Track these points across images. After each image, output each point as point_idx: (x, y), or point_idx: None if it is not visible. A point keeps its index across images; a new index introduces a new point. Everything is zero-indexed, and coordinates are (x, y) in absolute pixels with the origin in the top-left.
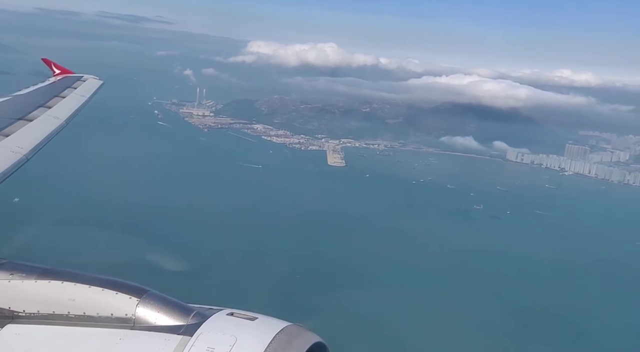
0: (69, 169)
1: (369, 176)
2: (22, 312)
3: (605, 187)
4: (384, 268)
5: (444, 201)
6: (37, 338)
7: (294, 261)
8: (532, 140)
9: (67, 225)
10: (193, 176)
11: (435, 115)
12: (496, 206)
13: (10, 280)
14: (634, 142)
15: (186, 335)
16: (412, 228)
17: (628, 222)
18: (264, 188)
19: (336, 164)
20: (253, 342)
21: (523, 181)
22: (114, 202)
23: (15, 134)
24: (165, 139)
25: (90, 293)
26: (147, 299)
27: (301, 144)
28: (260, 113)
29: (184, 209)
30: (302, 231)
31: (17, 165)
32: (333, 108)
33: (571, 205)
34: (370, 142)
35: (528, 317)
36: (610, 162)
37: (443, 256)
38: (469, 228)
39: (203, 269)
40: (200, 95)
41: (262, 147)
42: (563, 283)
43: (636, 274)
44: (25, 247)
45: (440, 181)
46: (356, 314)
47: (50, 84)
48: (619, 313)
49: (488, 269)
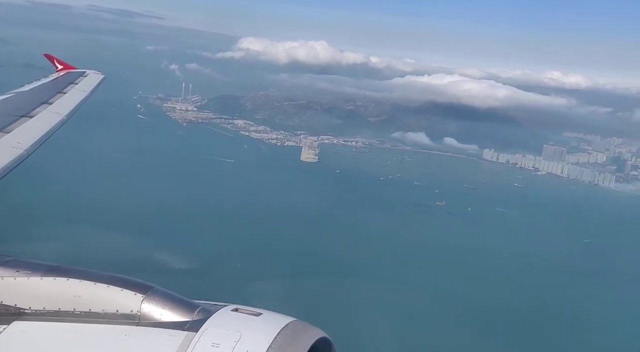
0: (32, 160)
1: (338, 172)
2: (28, 309)
3: (575, 187)
4: (322, 258)
5: (406, 197)
6: (43, 335)
7: (236, 252)
8: (510, 140)
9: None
10: (158, 168)
11: (415, 114)
12: (459, 202)
13: (16, 277)
14: (616, 144)
15: (191, 331)
16: (363, 221)
17: (583, 221)
18: (229, 181)
19: (308, 160)
20: (258, 338)
21: (493, 180)
22: (68, 194)
23: (16, 130)
24: (140, 132)
25: (96, 290)
26: (152, 296)
27: (278, 139)
28: (244, 109)
29: (138, 199)
30: (251, 223)
31: (18, 160)
32: (316, 105)
33: (533, 203)
34: (349, 140)
35: (452, 305)
36: (587, 163)
37: (383, 247)
38: (421, 223)
39: (134, 257)
40: (186, 90)
41: (238, 142)
42: (497, 275)
43: (574, 268)
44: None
45: (409, 178)
46: (285, 301)
47: (53, 80)
48: (548, 305)
49: (427, 261)
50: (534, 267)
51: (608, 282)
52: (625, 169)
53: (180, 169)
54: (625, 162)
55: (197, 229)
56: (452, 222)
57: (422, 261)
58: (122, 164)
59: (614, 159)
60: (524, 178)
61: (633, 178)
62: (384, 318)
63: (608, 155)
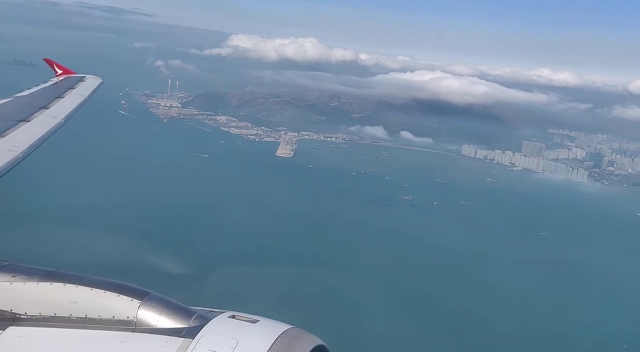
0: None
1: (312, 167)
2: (24, 315)
3: (547, 183)
4: (273, 249)
5: (374, 190)
6: (38, 340)
7: (187, 243)
8: (490, 137)
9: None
10: (127, 163)
11: (398, 110)
12: (426, 196)
13: (12, 282)
14: (599, 141)
15: (188, 338)
16: (322, 213)
17: (544, 214)
18: (196, 176)
19: (284, 155)
20: (255, 345)
21: (467, 175)
22: (30, 190)
23: (12, 133)
24: (117, 128)
25: (92, 295)
26: (149, 302)
27: (258, 135)
28: (229, 105)
29: (99, 194)
30: (208, 215)
31: (13, 163)
32: (300, 102)
33: (499, 197)
34: (330, 136)
35: (380, 289)
36: (566, 159)
37: (335, 238)
38: (380, 215)
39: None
40: (172, 87)
41: (216, 138)
42: (441, 266)
43: (508, 258)
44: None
45: (381, 173)
46: (226, 289)
47: (52, 85)
48: (486, 296)
49: (372, 250)
50: (467, 257)
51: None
52: (602, 165)
53: (150, 163)
54: (603, 158)
55: (153, 221)
56: (411, 214)
57: (367, 250)
58: (90, 159)
59: (593, 156)
60: (499, 174)
61: (608, 174)
62: (311, 302)
63: (588, 151)
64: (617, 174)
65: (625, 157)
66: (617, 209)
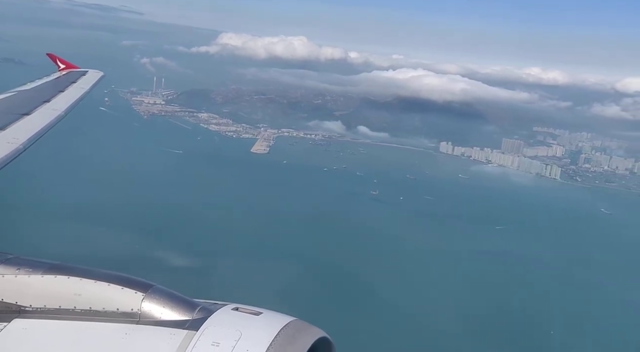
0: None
1: (285, 163)
2: (29, 307)
3: (521, 179)
4: (226, 242)
5: (343, 186)
6: (43, 333)
7: (149, 237)
8: (469, 134)
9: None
10: (98, 159)
11: (380, 108)
12: (394, 191)
13: (17, 275)
14: (582, 139)
15: (191, 330)
16: (285, 207)
17: (506, 210)
18: (167, 172)
19: (259, 152)
20: (258, 337)
21: (439, 171)
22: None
23: (13, 126)
24: (95, 124)
25: (97, 288)
26: (153, 294)
27: (236, 132)
28: (213, 102)
29: (66, 191)
30: (174, 210)
31: (14, 155)
32: (283, 99)
33: (466, 193)
34: (310, 133)
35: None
36: (545, 157)
37: (292, 230)
38: (343, 209)
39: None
40: (158, 84)
41: (194, 135)
42: (385, 256)
43: (459, 252)
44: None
45: (353, 169)
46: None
47: (54, 79)
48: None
49: (325, 241)
50: (417, 249)
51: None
52: (579, 163)
53: (122, 159)
54: (580, 156)
55: (118, 217)
56: (374, 208)
57: (320, 241)
58: (58, 155)
59: (573, 153)
60: (474, 170)
61: (584, 171)
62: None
63: (569, 149)
64: (593, 171)
65: (604, 154)
66: (584, 204)
